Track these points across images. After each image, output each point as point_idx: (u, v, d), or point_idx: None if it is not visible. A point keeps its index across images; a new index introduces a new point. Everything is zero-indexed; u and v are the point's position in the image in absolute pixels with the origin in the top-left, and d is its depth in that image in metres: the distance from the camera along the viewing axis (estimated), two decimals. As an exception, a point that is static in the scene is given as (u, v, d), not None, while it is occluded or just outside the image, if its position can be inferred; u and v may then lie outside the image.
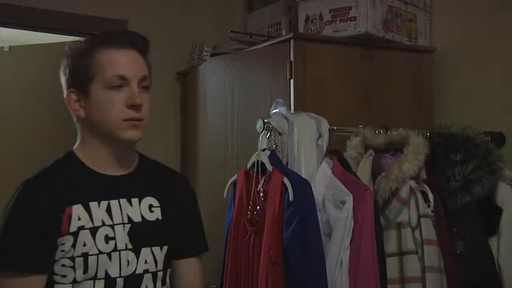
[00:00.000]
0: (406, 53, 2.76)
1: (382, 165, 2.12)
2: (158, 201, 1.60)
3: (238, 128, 2.76)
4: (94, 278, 1.47)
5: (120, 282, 1.50)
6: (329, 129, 2.14)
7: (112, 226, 1.51)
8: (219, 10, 3.57)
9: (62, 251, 1.46)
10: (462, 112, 2.69)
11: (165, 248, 1.59)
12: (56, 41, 3.58)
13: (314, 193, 1.99)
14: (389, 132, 2.21)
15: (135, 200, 1.57)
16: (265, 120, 2.14)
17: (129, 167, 1.59)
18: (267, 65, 2.65)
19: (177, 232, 1.64)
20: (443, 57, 2.82)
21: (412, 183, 2.00)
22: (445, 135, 2.22)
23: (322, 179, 2.05)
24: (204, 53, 3.19)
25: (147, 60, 1.58)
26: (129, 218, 1.54)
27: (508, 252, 2.08)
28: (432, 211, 2.01)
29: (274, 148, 2.12)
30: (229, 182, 2.20)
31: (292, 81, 2.45)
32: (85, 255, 1.46)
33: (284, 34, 2.89)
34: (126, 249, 1.52)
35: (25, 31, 3.42)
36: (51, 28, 3.35)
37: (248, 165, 2.15)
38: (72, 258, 1.46)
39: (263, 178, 2.07)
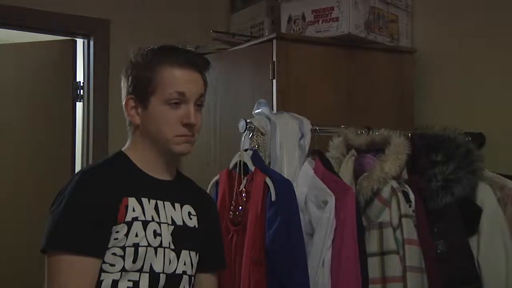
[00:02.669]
0: (388, 54, 2.78)
1: (364, 165, 2.13)
2: (195, 210, 1.67)
3: (220, 128, 2.75)
4: (140, 270, 1.51)
5: (163, 278, 1.54)
6: (311, 130, 2.15)
7: (159, 224, 1.55)
8: (202, 10, 3.57)
9: (116, 239, 1.48)
10: (443, 113, 2.71)
11: (198, 255, 1.66)
12: (39, 40, 3.56)
13: (296, 193, 1.99)
14: (371, 132, 2.22)
15: (177, 205, 1.63)
16: (248, 120, 2.14)
17: (173, 174, 1.67)
18: (249, 65, 2.65)
19: (206, 245, 1.69)
20: (424, 57, 2.84)
21: (394, 183, 2.01)
22: (426, 135, 2.23)
23: (304, 179, 2.05)
24: (187, 53, 3.18)
25: (205, 79, 1.64)
26: (172, 219, 1.60)
27: (488, 251, 2.10)
28: (413, 211, 2.02)
29: (256, 148, 2.12)
30: (211, 183, 2.19)
31: (274, 81, 2.46)
32: (135, 246, 1.50)
33: (266, 34, 2.89)
34: (169, 248, 1.57)
35: (7, 30, 3.40)
36: (34, 27, 3.33)
37: (230, 165, 2.14)
38: (123, 248, 1.49)
39: (246, 178, 2.07)
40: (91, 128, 3.34)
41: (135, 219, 1.51)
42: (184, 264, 1.60)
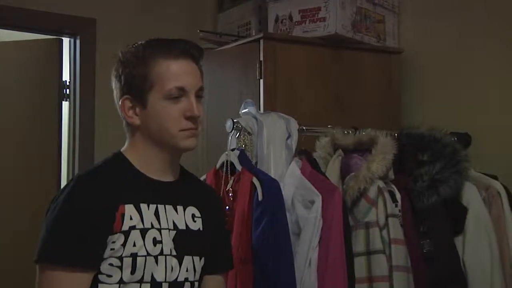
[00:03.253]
0: (375, 54, 2.79)
1: (351, 165, 2.14)
2: (199, 212, 1.59)
3: (207, 128, 2.74)
4: (141, 281, 1.44)
5: (165, 287, 1.48)
6: (298, 129, 2.15)
7: (159, 230, 1.48)
8: (189, 10, 3.56)
9: (112, 249, 1.41)
10: (429, 113, 2.72)
11: (203, 259, 1.58)
12: (24, 39, 3.54)
13: (283, 193, 1.99)
14: (357, 132, 2.23)
15: (180, 208, 1.55)
16: (235, 120, 2.14)
17: (175, 175, 1.58)
18: (237, 65, 2.65)
19: (212, 247, 1.62)
20: (411, 58, 2.85)
21: (380, 183, 2.02)
22: (413, 135, 2.24)
23: (291, 179, 2.05)
24: (174, 53, 3.17)
25: (201, 69, 1.57)
26: (174, 224, 1.52)
27: (473, 251, 2.11)
28: (399, 211, 2.03)
29: (243, 148, 2.12)
30: (198, 182, 2.19)
31: (261, 81, 2.46)
32: (133, 256, 1.43)
33: (254, 34, 2.89)
34: (171, 254, 1.49)
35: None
36: (19, 26, 3.31)
37: (218, 165, 2.14)
38: (120, 258, 1.42)
39: (232, 178, 2.07)
40: (77, 128, 3.32)
41: (133, 228, 1.43)
42: (187, 270, 1.52)
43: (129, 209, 1.44)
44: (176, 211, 1.54)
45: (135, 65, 1.50)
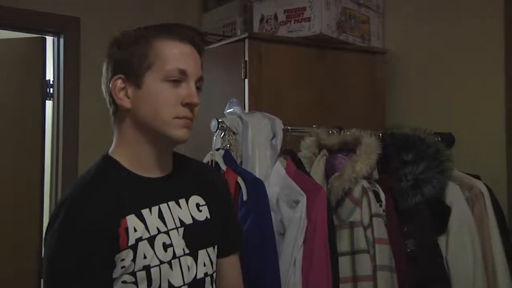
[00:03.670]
0: (360, 54, 2.79)
1: (335, 165, 2.14)
2: (204, 199, 1.51)
3: (192, 128, 2.74)
4: None
5: None
6: (283, 129, 2.15)
7: (167, 233, 1.39)
8: (174, 9, 3.56)
9: (123, 267, 1.32)
10: (413, 113, 2.74)
11: (216, 247, 1.52)
12: (7, 37, 3.51)
13: (268, 192, 1.99)
14: (342, 132, 2.23)
15: (182, 201, 1.46)
16: (220, 120, 2.13)
17: (168, 169, 1.48)
18: (222, 64, 2.64)
19: (222, 230, 1.55)
20: (395, 58, 2.87)
21: (365, 183, 2.03)
22: (397, 135, 2.25)
23: (276, 179, 2.05)
24: (158, 52, 3.17)
25: (202, 61, 1.48)
26: (181, 221, 1.44)
27: (456, 250, 2.13)
28: (383, 211, 2.04)
29: (228, 148, 2.12)
30: (183, 182, 2.18)
31: (246, 81, 2.45)
32: (146, 268, 1.34)
33: (239, 34, 2.89)
34: (184, 254, 1.42)
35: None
36: (2, 24, 3.28)
37: (202, 165, 2.13)
38: (133, 273, 1.33)
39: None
40: (61, 127, 3.31)
41: (139, 239, 1.34)
42: (204, 265, 1.45)
43: (132, 220, 1.35)
44: (180, 206, 1.46)
45: (134, 43, 1.40)
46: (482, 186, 2.25)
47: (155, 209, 1.40)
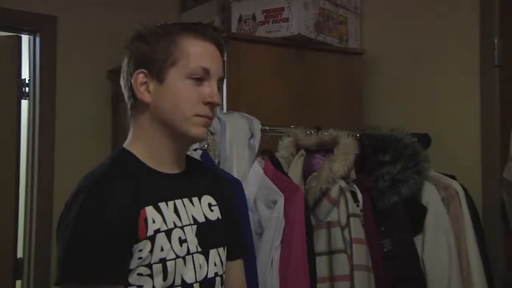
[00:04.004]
0: (338, 55, 2.81)
1: (313, 165, 2.15)
2: (215, 199, 1.52)
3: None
4: (172, 286, 1.35)
5: (196, 287, 1.40)
6: (261, 129, 2.15)
7: (182, 228, 1.39)
8: (152, 8, 3.53)
9: (140, 258, 1.31)
10: (391, 113, 2.76)
11: (226, 248, 1.51)
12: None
13: (245, 192, 1.99)
14: (320, 132, 2.24)
15: (195, 199, 1.47)
16: (197, 120, 2.12)
17: (182, 166, 1.48)
18: (200, 64, 2.63)
19: (231, 233, 1.56)
20: (372, 59, 2.88)
21: (342, 183, 2.04)
22: (374, 136, 2.26)
23: (253, 179, 2.05)
24: (136, 51, 3.15)
25: (223, 62, 1.48)
26: (194, 218, 1.43)
27: (432, 250, 2.15)
28: (361, 211, 2.05)
29: (206, 148, 2.11)
30: (161, 182, 2.17)
31: (225, 80, 2.44)
32: (163, 261, 1.34)
33: (217, 33, 2.88)
34: (197, 251, 1.41)
35: None
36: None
37: (180, 165, 2.13)
38: (149, 266, 1.32)
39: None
40: (37, 127, 3.26)
41: (157, 231, 1.34)
42: (215, 265, 1.45)
43: (150, 211, 1.34)
44: (193, 204, 1.45)
45: (160, 39, 1.41)
46: (457, 186, 2.28)
47: (171, 203, 1.40)
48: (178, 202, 1.41)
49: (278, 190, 1.99)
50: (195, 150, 2.10)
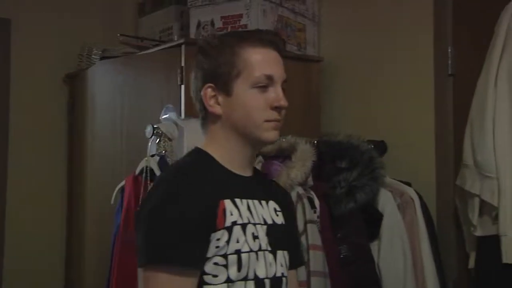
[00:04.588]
0: (295, 62, 2.81)
1: (271, 172, 2.15)
2: (279, 206, 1.56)
3: (127, 133, 2.71)
4: (246, 279, 1.40)
5: (267, 283, 1.44)
6: (219, 136, 2.15)
7: (254, 225, 1.44)
8: (110, 12, 3.50)
9: (217, 247, 1.37)
10: (348, 121, 2.78)
11: (288, 253, 1.55)
12: None
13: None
14: (278, 139, 2.24)
15: (264, 203, 1.52)
16: (155, 126, 2.11)
17: (251, 170, 1.55)
18: (158, 70, 2.62)
19: (293, 239, 1.61)
20: (330, 66, 2.91)
21: (300, 190, 2.04)
22: (332, 142, 2.28)
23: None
24: (93, 56, 3.11)
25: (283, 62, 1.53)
26: (263, 219, 1.48)
27: (387, 255, 2.17)
28: (318, 217, 2.06)
29: (163, 154, 2.10)
30: (117, 188, 2.16)
31: (183, 87, 2.44)
32: (238, 252, 1.39)
33: (175, 39, 2.87)
34: (267, 250, 1.46)
35: None
36: None
37: (137, 171, 2.11)
38: (225, 256, 1.37)
39: (152, 184, 2.04)
40: (-10, 132, 3.19)
41: (234, 223, 1.40)
42: (281, 265, 1.49)
43: (228, 204, 1.41)
44: (262, 206, 1.51)
45: (221, 52, 1.46)
46: (412, 193, 2.31)
47: (244, 201, 1.45)
48: (250, 201, 1.47)
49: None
50: (153, 156, 2.09)
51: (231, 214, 1.40)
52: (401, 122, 2.61)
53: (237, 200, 1.43)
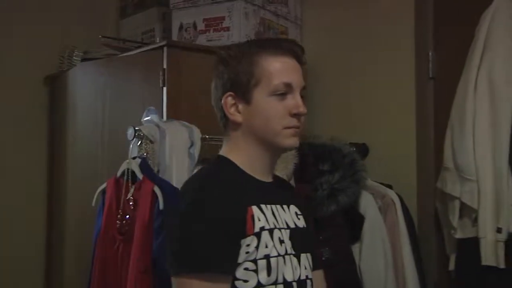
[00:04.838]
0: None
1: (253, 174, 2.15)
2: (299, 210, 1.60)
3: (109, 136, 2.69)
4: (275, 282, 1.43)
5: (295, 286, 1.47)
6: (201, 138, 2.15)
7: (279, 229, 1.47)
8: (92, 14, 3.47)
9: (247, 253, 1.39)
10: (330, 123, 2.79)
11: (311, 255, 1.58)
12: None
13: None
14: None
15: (285, 207, 1.55)
16: (136, 128, 2.10)
17: (271, 176, 1.58)
18: (139, 72, 2.61)
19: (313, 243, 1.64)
20: (313, 69, 2.91)
21: (281, 192, 2.04)
22: (314, 145, 2.29)
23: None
24: (74, 58, 3.09)
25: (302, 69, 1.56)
26: (286, 223, 1.52)
27: (368, 257, 2.18)
28: (300, 219, 2.06)
29: (145, 156, 2.09)
30: (98, 191, 2.14)
31: (165, 89, 2.43)
32: (267, 257, 1.42)
33: (157, 41, 2.86)
34: (292, 253, 1.49)
35: None
36: None
37: (118, 173, 2.10)
38: (254, 261, 1.40)
39: (133, 187, 2.03)
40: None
41: (262, 228, 1.42)
42: (305, 268, 1.52)
43: (256, 210, 1.44)
44: (284, 210, 1.54)
45: (240, 61, 1.49)
46: (393, 195, 2.33)
47: (269, 206, 1.48)
48: (274, 207, 1.50)
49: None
50: (134, 158, 2.08)
51: (259, 220, 1.43)
52: (383, 125, 2.63)
53: (263, 206, 1.46)
